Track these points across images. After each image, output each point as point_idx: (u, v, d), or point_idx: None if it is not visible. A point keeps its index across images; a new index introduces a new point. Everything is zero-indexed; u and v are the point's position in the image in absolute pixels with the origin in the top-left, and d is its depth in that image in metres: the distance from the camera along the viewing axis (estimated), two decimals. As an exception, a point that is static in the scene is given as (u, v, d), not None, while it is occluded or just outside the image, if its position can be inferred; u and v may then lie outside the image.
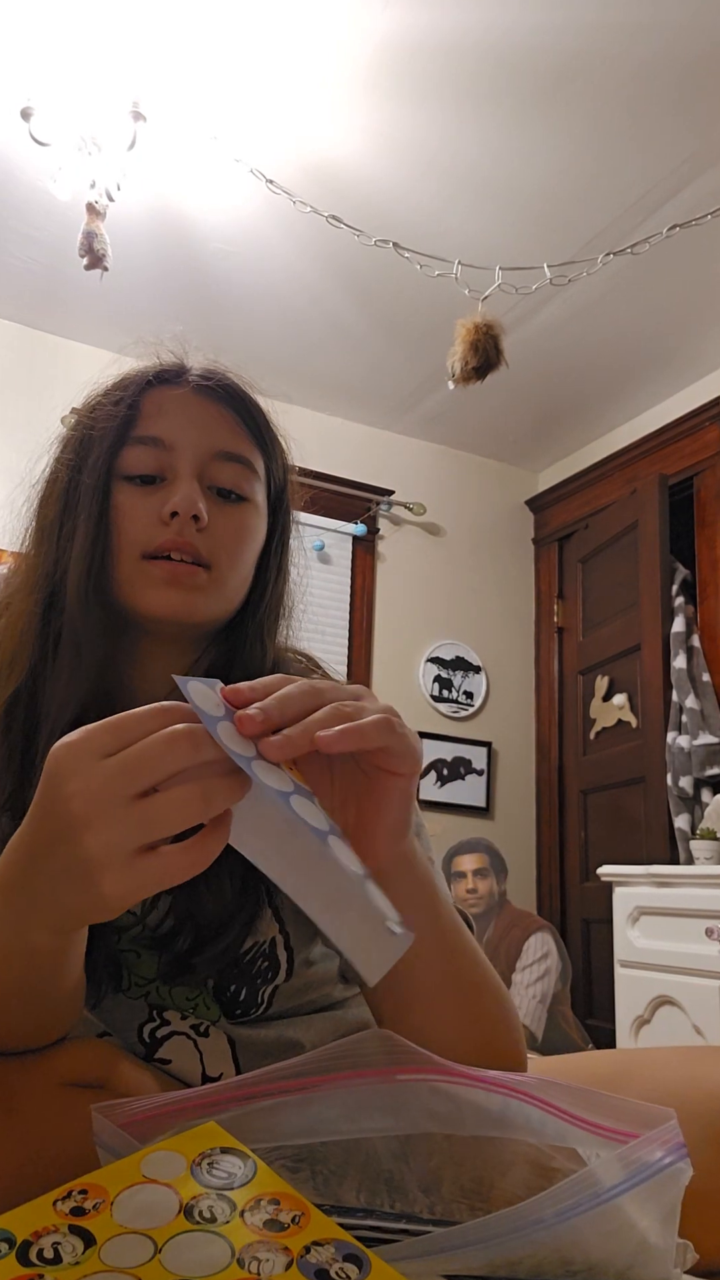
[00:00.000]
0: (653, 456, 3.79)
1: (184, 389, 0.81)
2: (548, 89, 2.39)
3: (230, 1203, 0.41)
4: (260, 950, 0.75)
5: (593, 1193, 0.40)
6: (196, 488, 0.78)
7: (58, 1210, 0.41)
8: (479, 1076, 0.49)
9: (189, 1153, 0.44)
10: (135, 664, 0.80)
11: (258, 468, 0.83)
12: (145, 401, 0.80)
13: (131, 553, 0.76)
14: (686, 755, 3.29)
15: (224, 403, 0.81)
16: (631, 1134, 0.43)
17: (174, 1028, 0.75)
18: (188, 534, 0.76)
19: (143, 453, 0.78)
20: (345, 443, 4.00)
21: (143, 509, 0.77)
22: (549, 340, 3.40)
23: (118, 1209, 0.41)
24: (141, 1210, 0.40)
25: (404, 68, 2.35)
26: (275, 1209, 0.41)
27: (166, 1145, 0.44)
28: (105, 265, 2.37)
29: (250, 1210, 0.41)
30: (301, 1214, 0.40)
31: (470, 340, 2.52)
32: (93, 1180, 0.42)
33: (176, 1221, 0.40)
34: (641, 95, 2.40)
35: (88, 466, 0.78)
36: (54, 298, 3.27)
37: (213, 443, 0.80)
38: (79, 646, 0.75)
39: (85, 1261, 0.38)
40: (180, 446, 0.79)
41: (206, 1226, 0.40)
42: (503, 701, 4.17)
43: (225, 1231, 0.39)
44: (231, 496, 0.80)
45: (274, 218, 2.83)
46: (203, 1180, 0.42)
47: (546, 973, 3.00)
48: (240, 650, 0.81)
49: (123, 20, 2.21)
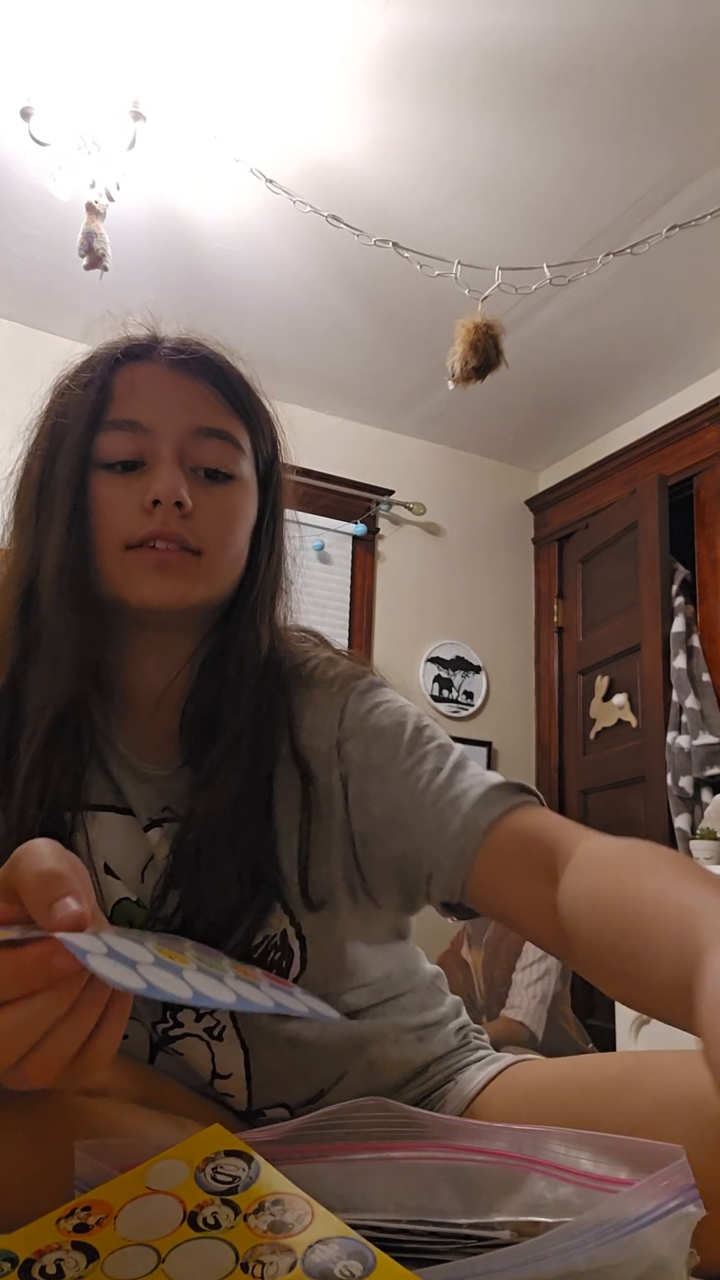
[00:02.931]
0: (653, 456, 3.79)
1: (157, 364, 0.76)
2: (547, 89, 2.38)
3: (234, 1207, 0.41)
4: (271, 943, 0.74)
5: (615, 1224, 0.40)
6: (178, 472, 0.73)
7: (60, 1228, 0.41)
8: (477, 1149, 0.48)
9: (193, 1158, 0.44)
10: (129, 659, 0.78)
11: (243, 443, 0.78)
12: (116, 382, 0.75)
13: (115, 545, 0.73)
14: (686, 755, 3.29)
15: (202, 376, 0.76)
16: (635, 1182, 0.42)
17: (187, 1029, 0.74)
18: (172, 522, 0.72)
19: (119, 438, 0.74)
20: (345, 443, 4.00)
21: (123, 498, 0.73)
22: (549, 340, 3.40)
23: (121, 1222, 0.41)
24: (145, 1222, 0.40)
25: (404, 68, 2.34)
26: (280, 1210, 0.40)
27: (172, 1154, 0.44)
28: (105, 265, 2.36)
29: (254, 1213, 0.40)
30: (306, 1213, 0.40)
31: (470, 340, 2.51)
32: (97, 1196, 0.42)
33: (180, 1230, 0.40)
34: (641, 95, 2.39)
35: (61, 455, 0.74)
36: (54, 297, 3.27)
37: (192, 420, 0.75)
38: (56, 646, 0.72)
39: (88, 1276, 0.38)
40: (158, 428, 0.74)
41: (210, 1233, 0.39)
42: (503, 701, 4.16)
43: (229, 1237, 0.39)
44: (218, 476, 0.76)
45: (273, 217, 2.83)
46: (206, 1186, 0.42)
47: (547, 972, 2.99)
48: (235, 636, 0.78)
49: (123, 20, 2.20)
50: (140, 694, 0.79)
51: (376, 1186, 0.46)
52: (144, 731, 0.79)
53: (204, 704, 0.77)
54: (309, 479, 3.72)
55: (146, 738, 0.79)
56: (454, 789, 0.72)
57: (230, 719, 0.75)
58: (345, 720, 0.77)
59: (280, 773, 0.76)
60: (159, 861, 0.75)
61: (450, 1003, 0.89)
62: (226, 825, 0.72)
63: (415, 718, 0.78)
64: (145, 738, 0.79)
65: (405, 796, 0.73)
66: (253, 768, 0.75)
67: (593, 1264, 0.46)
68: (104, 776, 0.78)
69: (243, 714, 0.75)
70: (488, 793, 0.71)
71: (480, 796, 0.70)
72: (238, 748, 0.74)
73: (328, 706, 0.78)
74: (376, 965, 0.81)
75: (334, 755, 0.77)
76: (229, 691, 0.76)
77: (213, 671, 0.78)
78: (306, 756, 0.77)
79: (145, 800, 0.77)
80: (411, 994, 0.84)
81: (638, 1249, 0.41)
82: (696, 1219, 0.41)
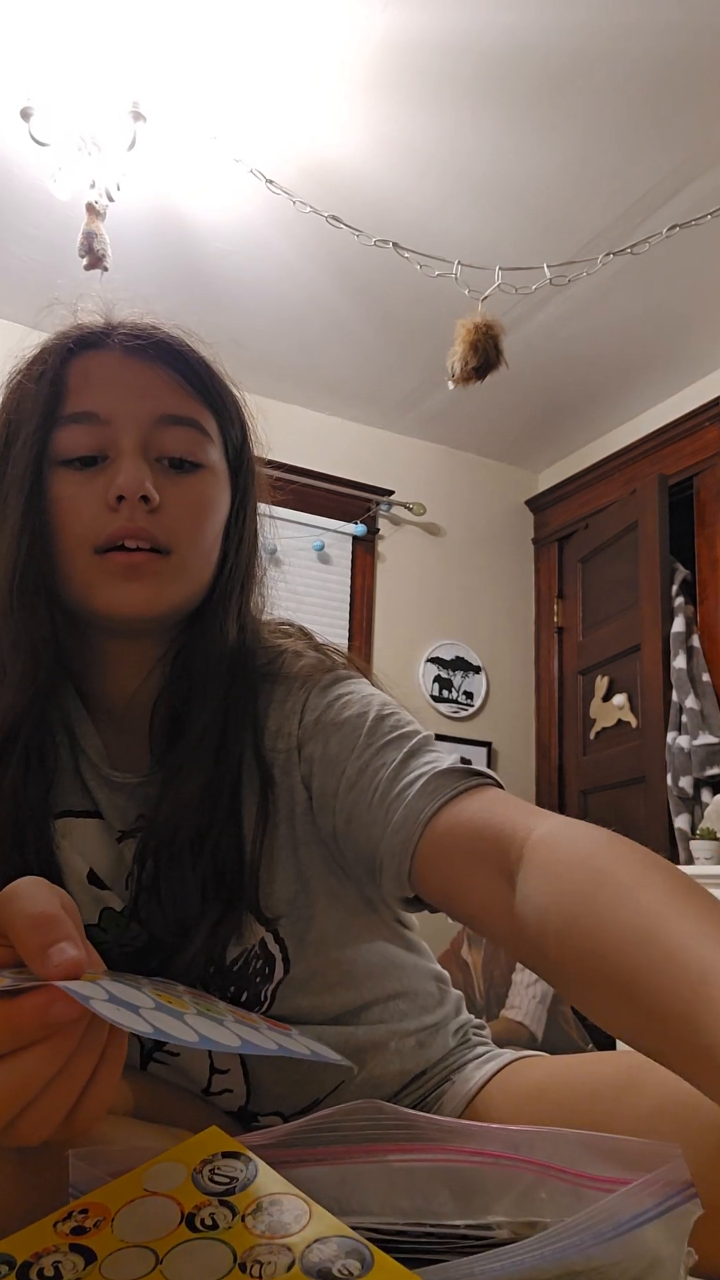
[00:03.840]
0: (653, 456, 3.79)
1: (112, 352, 0.72)
2: (547, 89, 2.38)
3: (232, 1208, 0.41)
4: (251, 954, 0.73)
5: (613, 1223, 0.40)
6: (142, 464, 0.69)
7: (58, 1231, 0.41)
8: (472, 1150, 0.47)
9: (190, 1161, 0.44)
10: (97, 664, 0.75)
11: (209, 429, 0.73)
12: (71, 373, 0.71)
13: (81, 548, 0.68)
14: (686, 755, 3.29)
15: (161, 361, 0.72)
16: (631, 1180, 0.42)
17: None
18: (139, 518, 0.68)
19: (77, 432, 0.69)
20: (345, 443, 4.00)
21: (85, 497, 0.69)
22: (549, 340, 3.40)
23: (119, 1224, 0.41)
24: (143, 1224, 0.40)
25: (403, 68, 2.34)
26: (277, 1210, 0.40)
27: (169, 1156, 0.44)
28: (105, 265, 2.37)
29: (251, 1214, 0.40)
30: (304, 1212, 0.40)
31: (470, 340, 2.51)
32: (93, 1199, 0.42)
33: (178, 1231, 0.40)
34: (641, 95, 2.39)
35: (14, 454, 0.70)
36: (53, 298, 3.27)
37: (154, 408, 0.71)
38: (11, 655, 0.69)
39: (86, 1278, 0.38)
40: (118, 419, 0.70)
41: (208, 1234, 0.40)
42: (503, 702, 4.16)
43: (227, 1237, 0.39)
44: (185, 465, 0.71)
45: (273, 217, 2.83)
46: (204, 1188, 0.42)
47: (546, 973, 2.99)
48: (201, 634, 0.74)
49: (123, 20, 2.21)
50: (111, 698, 0.76)
51: (372, 1190, 0.46)
52: (117, 736, 0.76)
53: (174, 704, 0.74)
54: (309, 479, 3.73)
55: (120, 743, 0.76)
56: (402, 779, 0.66)
57: (197, 717, 0.72)
58: (304, 718, 0.74)
59: (246, 778, 0.73)
60: (132, 869, 0.72)
61: (452, 1002, 0.87)
62: (189, 827, 0.69)
63: (379, 706, 0.73)
64: (119, 743, 0.76)
65: (361, 792, 0.68)
66: (216, 768, 0.71)
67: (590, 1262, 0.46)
68: (80, 784, 0.75)
69: (208, 710, 0.72)
70: (432, 779, 0.65)
71: (424, 784, 0.65)
72: (202, 746, 0.71)
73: (291, 705, 0.75)
74: (367, 963, 0.79)
75: (295, 757, 0.73)
76: (197, 689, 0.73)
77: (183, 670, 0.74)
78: (269, 760, 0.74)
79: (118, 810, 0.74)
80: (411, 995, 0.82)
81: (635, 1248, 0.41)
82: (694, 1216, 0.41)
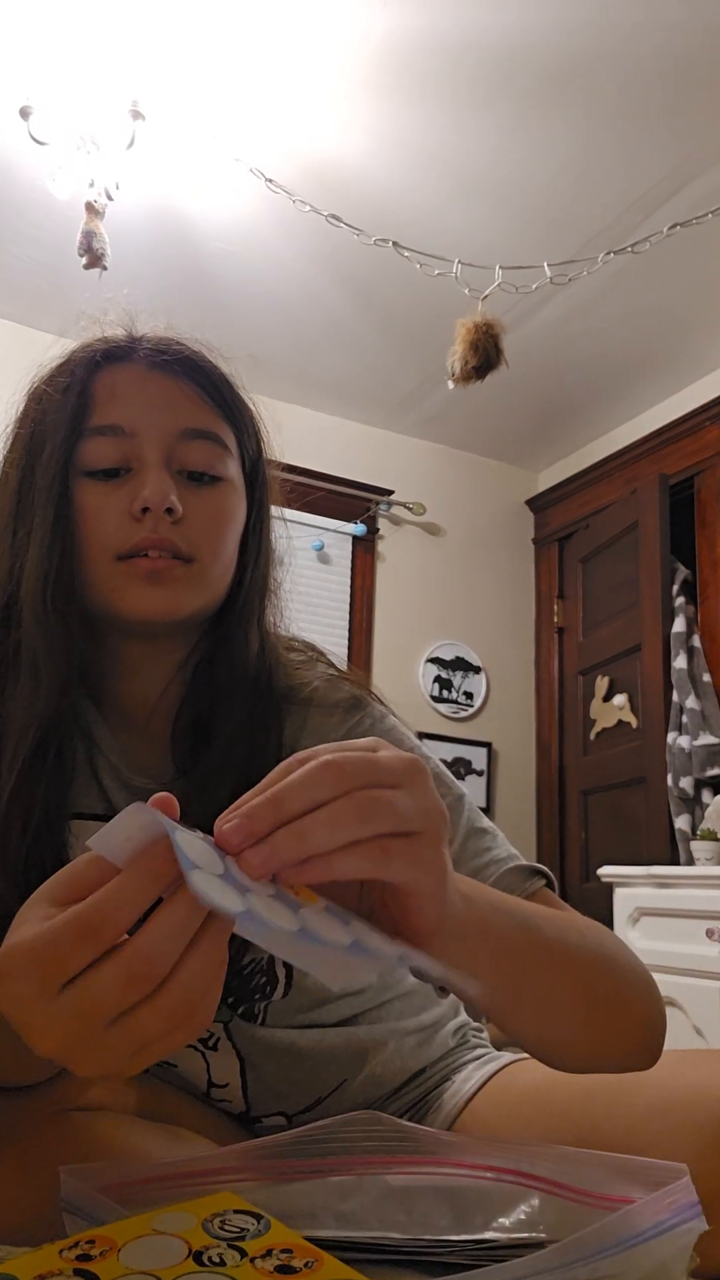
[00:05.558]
0: (653, 456, 3.78)
1: (137, 365, 0.74)
2: (547, 88, 2.38)
3: (241, 1251, 0.40)
4: (258, 965, 0.73)
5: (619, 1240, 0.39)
6: (166, 477, 0.71)
7: (64, 1258, 0.40)
8: (473, 1165, 0.47)
9: (201, 1212, 0.43)
10: (120, 670, 0.76)
11: (229, 443, 0.76)
12: (96, 385, 0.73)
13: (104, 556, 0.70)
14: (687, 756, 3.29)
15: (184, 376, 0.74)
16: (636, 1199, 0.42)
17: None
18: (163, 529, 0.70)
19: (102, 444, 0.71)
20: (345, 443, 4.00)
21: (110, 507, 0.70)
22: (549, 339, 3.39)
23: (125, 1254, 0.40)
24: (150, 1255, 0.40)
25: (403, 67, 2.34)
26: (288, 1256, 0.40)
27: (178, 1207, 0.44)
28: (104, 264, 2.36)
29: (261, 1257, 0.40)
30: (315, 1260, 0.40)
31: (470, 340, 2.51)
32: (100, 1232, 0.42)
33: (184, 1264, 0.39)
34: (641, 94, 2.39)
35: (41, 464, 0.72)
36: (53, 297, 3.26)
37: (177, 422, 0.73)
38: (37, 663, 0.69)
39: None
40: (143, 432, 0.72)
41: (215, 1269, 0.39)
42: (503, 702, 4.16)
43: (235, 1274, 0.39)
44: (205, 479, 0.74)
45: (273, 217, 2.82)
46: (214, 1234, 0.42)
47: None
48: (225, 641, 0.76)
49: (122, 20, 2.20)
50: (133, 704, 0.77)
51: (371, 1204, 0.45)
52: (138, 742, 0.77)
53: (197, 712, 0.75)
54: (309, 479, 3.72)
55: (141, 749, 0.77)
56: (471, 860, 0.69)
57: (223, 726, 0.73)
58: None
59: None
60: None
61: (450, 1001, 0.88)
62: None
63: (428, 761, 0.73)
64: (140, 749, 0.77)
65: None
66: (246, 776, 0.72)
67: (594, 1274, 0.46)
68: (96, 788, 0.75)
69: (235, 720, 0.73)
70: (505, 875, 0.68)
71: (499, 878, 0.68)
72: (232, 754, 0.72)
73: (327, 731, 0.76)
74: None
75: None
76: (221, 698, 0.74)
77: (204, 678, 0.76)
78: None
79: None
80: (409, 996, 0.83)
81: (639, 1260, 0.40)
82: (698, 1233, 0.41)
